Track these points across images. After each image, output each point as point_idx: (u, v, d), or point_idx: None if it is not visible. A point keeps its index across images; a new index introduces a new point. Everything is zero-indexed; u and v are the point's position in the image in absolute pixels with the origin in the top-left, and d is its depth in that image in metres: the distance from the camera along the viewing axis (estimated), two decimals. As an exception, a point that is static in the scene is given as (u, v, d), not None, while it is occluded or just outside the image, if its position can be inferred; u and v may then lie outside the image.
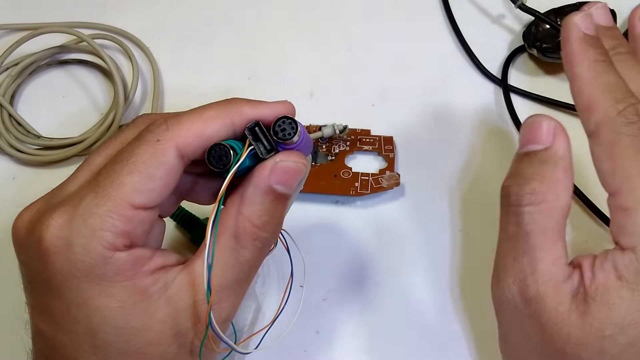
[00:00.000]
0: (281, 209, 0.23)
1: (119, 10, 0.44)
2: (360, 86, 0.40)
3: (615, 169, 0.22)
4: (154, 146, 0.21)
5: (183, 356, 0.22)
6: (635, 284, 0.20)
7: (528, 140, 0.24)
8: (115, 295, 0.21)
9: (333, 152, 0.36)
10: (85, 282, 0.21)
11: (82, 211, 0.21)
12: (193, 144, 0.22)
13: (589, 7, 0.26)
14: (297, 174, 0.23)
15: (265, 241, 0.23)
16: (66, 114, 0.40)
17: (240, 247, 0.23)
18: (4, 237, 0.34)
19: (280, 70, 0.41)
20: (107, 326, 0.21)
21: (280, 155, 0.23)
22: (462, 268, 0.32)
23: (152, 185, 0.21)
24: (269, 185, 0.22)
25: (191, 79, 0.41)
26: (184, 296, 0.22)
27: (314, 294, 0.32)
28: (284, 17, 0.43)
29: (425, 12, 0.43)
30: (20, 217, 0.23)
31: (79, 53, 0.42)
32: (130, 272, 0.21)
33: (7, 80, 0.40)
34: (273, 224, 0.23)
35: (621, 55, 0.25)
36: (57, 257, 0.21)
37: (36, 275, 0.22)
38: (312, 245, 0.33)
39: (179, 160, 0.22)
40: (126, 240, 0.21)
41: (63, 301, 0.21)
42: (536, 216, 0.22)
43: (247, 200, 0.22)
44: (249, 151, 0.22)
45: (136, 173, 0.21)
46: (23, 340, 0.24)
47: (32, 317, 0.23)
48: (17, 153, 0.37)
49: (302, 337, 0.31)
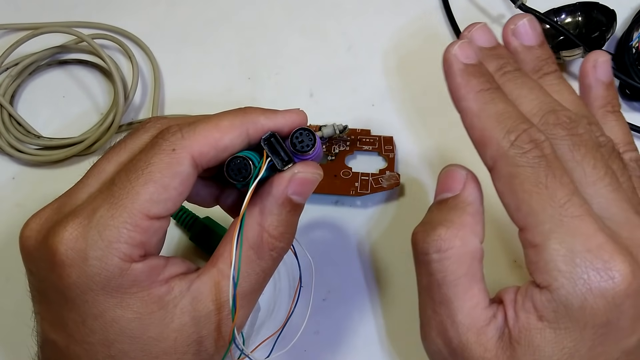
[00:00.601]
0: (296, 218, 0.24)
1: (119, 11, 0.44)
2: (360, 86, 0.40)
3: (519, 204, 0.21)
4: (169, 155, 0.21)
5: None
6: (556, 323, 0.20)
7: (441, 189, 0.24)
8: (132, 306, 0.21)
9: (333, 152, 0.36)
10: (101, 294, 0.21)
11: (96, 223, 0.21)
12: (208, 154, 0.22)
13: (468, 30, 0.25)
14: (314, 184, 0.23)
15: (281, 251, 0.23)
16: (66, 114, 0.40)
17: (258, 258, 0.23)
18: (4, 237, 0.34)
19: (280, 70, 0.41)
20: (124, 336, 0.21)
21: (298, 167, 0.23)
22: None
23: (167, 195, 0.21)
24: (287, 196, 0.23)
25: (191, 79, 0.41)
26: (198, 305, 0.22)
27: (314, 294, 0.32)
28: (284, 17, 0.43)
29: (426, 12, 0.43)
30: (28, 227, 0.23)
31: (79, 53, 0.42)
32: (146, 283, 0.21)
33: (7, 80, 0.40)
34: (289, 233, 0.23)
35: (509, 75, 0.24)
36: (72, 269, 0.21)
37: (48, 286, 0.22)
38: (312, 246, 0.33)
39: (194, 170, 0.22)
40: (141, 251, 0.21)
41: (78, 313, 0.21)
42: (444, 263, 0.22)
43: (265, 211, 0.23)
44: (267, 163, 0.22)
45: (151, 183, 0.21)
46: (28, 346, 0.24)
47: (43, 327, 0.23)
48: (17, 153, 0.37)
49: (302, 337, 0.31)
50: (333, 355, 0.30)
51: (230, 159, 0.22)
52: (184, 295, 0.22)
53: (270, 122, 0.23)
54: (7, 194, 0.37)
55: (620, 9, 0.39)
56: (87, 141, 0.37)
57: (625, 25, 0.39)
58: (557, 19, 0.40)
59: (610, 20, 0.37)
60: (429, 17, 0.43)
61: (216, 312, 0.22)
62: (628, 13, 0.40)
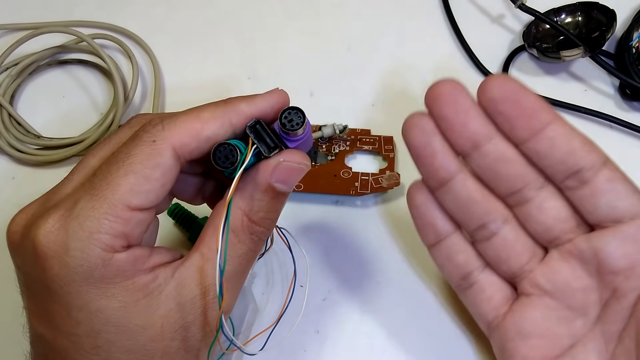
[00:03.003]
0: (279, 205, 0.24)
1: (119, 11, 0.44)
2: (360, 86, 0.40)
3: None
4: (150, 147, 0.21)
5: (185, 350, 0.22)
6: None
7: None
8: (117, 295, 0.21)
9: (333, 152, 0.36)
10: (84, 285, 0.21)
11: (77, 214, 0.21)
12: (190, 145, 0.22)
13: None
14: (300, 174, 0.23)
15: (262, 235, 0.23)
16: (66, 114, 0.40)
17: (238, 241, 0.23)
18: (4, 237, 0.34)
19: (280, 70, 0.41)
20: (109, 326, 0.21)
21: (284, 155, 0.23)
22: (462, 268, 0.32)
23: (149, 186, 0.21)
24: (270, 184, 0.23)
25: (191, 79, 0.41)
26: (182, 291, 0.22)
27: (314, 294, 0.32)
28: (284, 17, 0.43)
29: (425, 12, 0.43)
30: (14, 222, 0.23)
31: (79, 53, 0.42)
32: (130, 272, 0.21)
33: (7, 80, 0.40)
34: (270, 219, 0.23)
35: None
36: (54, 261, 0.21)
37: (33, 280, 0.22)
38: (312, 245, 0.33)
39: (176, 161, 0.22)
40: (124, 242, 0.21)
41: (62, 305, 0.21)
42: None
43: (246, 196, 0.23)
44: (253, 150, 0.22)
45: (132, 174, 0.21)
46: (21, 344, 0.24)
47: (31, 321, 0.23)
48: (17, 153, 0.37)
49: (302, 337, 0.31)
50: (333, 355, 0.30)
51: (217, 146, 0.22)
52: (169, 282, 0.22)
53: (252, 108, 0.23)
54: (7, 194, 0.37)
55: (620, 9, 0.39)
56: (87, 141, 0.37)
57: (625, 25, 0.39)
58: (557, 18, 0.40)
59: (610, 20, 0.37)
60: (429, 17, 0.43)
61: (201, 296, 0.22)
62: (628, 13, 0.40)
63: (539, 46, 0.39)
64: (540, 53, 0.38)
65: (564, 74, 0.39)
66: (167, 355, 0.22)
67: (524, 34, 0.40)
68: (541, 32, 0.40)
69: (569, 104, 0.37)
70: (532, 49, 0.39)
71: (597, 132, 0.37)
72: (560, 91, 0.38)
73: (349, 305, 0.32)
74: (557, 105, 0.38)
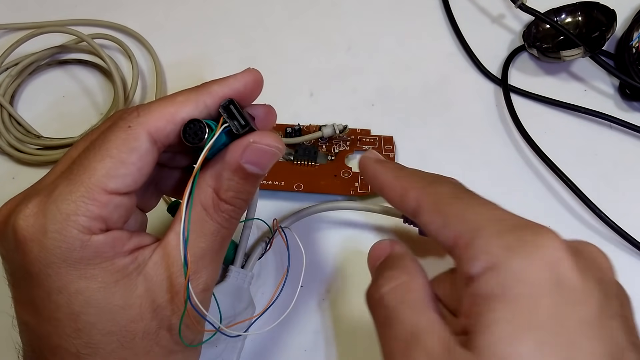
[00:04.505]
0: (249, 187, 0.24)
1: (119, 11, 0.44)
2: (360, 86, 0.40)
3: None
4: (125, 132, 0.22)
5: (166, 330, 0.23)
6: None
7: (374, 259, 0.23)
8: (96, 276, 0.21)
9: (333, 152, 0.36)
10: (63, 267, 0.21)
11: (55, 198, 0.21)
12: (165, 129, 0.22)
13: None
14: (271, 157, 0.23)
15: (233, 213, 0.23)
16: (66, 114, 0.40)
17: (209, 219, 0.23)
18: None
19: (280, 70, 0.41)
20: (89, 307, 0.21)
21: (255, 136, 0.23)
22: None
23: (125, 170, 0.22)
24: (239, 164, 0.23)
25: (191, 79, 0.41)
26: (159, 270, 0.22)
27: (314, 294, 0.32)
28: (284, 17, 0.43)
29: (425, 12, 0.43)
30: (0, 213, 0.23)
31: (79, 53, 0.42)
32: (109, 254, 0.22)
33: (7, 80, 0.40)
34: (241, 198, 0.23)
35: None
36: (33, 244, 0.21)
37: (17, 266, 0.22)
38: (312, 245, 0.33)
39: (152, 145, 0.22)
40: (101, 225, 0.21)
41: (43, 288, 0.21)
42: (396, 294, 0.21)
43: (216, 175, 0.23)
44: (224, 128, 0.22)
45: (108, 159, 0.21)
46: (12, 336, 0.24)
47: (17, 310, 0.23)
48: (17, 153, 0.37)
49: (302, 337, 0.31)
50: (332, 355, 0.30)
51: (187, 123, 0.22)
52: (147, 262, 0.22)
53: (224, 88, 0.23)
54: (7, 194, 0.37)
55: (620, 9, 0.39)
56: (87, 141, 0.37)
57: (625, 25, 0.39)
58: (557, 18, 0.40)
59: (610, 20, 0.37)
60: (429, 17, 0.43)
61: (177, 274, 0.22)
62: (628, 13, 0.40)
63: (539, 46, 0.39)
64: (540, 53, 0.38)
65: (564, 74, 0.39)
66: (149, 336, 0.22)
67: (524, 34, 0.40)
68: (541, 32, 0.40)
69: (569, 104, 0.37)
70: (532, 49, 0.39)
71: (597, 132, 0.37)
72: (560, 91, 0.38)
73: (348, 305, 0.32)
74: (557, 105, 0.38)
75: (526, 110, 0.37)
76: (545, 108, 0.38)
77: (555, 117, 0.38)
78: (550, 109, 0.38)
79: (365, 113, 0.38)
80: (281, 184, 0.34)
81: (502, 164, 0.36)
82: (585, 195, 0.33)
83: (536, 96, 0.38)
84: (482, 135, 0.37)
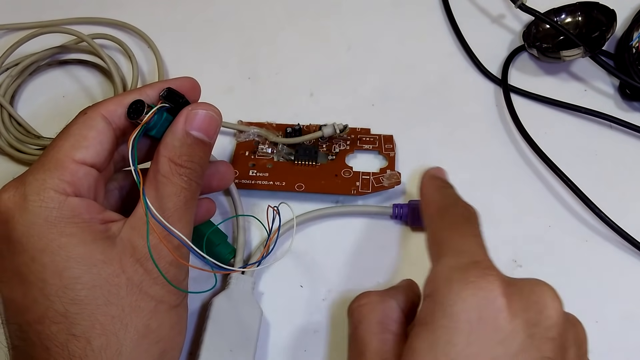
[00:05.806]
0: (200, 152, 0.26)
1: (119, 11, 0.44)
2: (360, 86, 0.40)
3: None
4: (83, 117, 0.26)
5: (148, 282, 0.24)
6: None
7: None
8: (76, 234, 0.23)
9: (333, 152, 0.36)
10: (45, 226, 0.23)
11: (31, 171, 0.24)
12: (117, 110, 0.26)
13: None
14: (212, 121, 0.26)
15: (190, 174, 0.26)
16: (66, 114, 0.40)
17: (170, 182, 0.25)
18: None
19: (280, 70, 0.41)
20: (72, 261, 0.23)
21: (192, 105, 0.26)
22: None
23: (87, 143, 0.25)
24: (185, 130, 0.26)
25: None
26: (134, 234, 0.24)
27: (314, 294, 0.32)
28: (284, 17, 0.43)
29: (425, 12, 0.43)
30: None
31: (79, 53, 0.42)
32: (85, 216, 0.24)
33: (7, 80, 0.40)
34: (194, 162, 0.26)
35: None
36: (15, 211, 0.23)
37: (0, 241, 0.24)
38: (313, 245, 0.33)
39: (107, 125, 0.26)
40: (75, 190, 0.24)
41: (27, 252, 0.23)
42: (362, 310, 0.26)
43: (168, 146, 0.26)
44: (161, 105, 0.26)
45: (71, 137, 0.25)
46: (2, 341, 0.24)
47: (2, 290, 0.24)
48: (17, 153, 0.37)
49: (302, 337, 0.31)
50: (333, 355, 0.30)
51: (131, 104, 0.26)
52: (121, 229, 0.25)
53: (164, 84, 0.27)
54: (7, 194, 0.37)
55: (620, 9, 0.39)
56: (87, 141, 0.37)
57: (625, 25, 0.39)
58: (557, 18, 0.40)
59: (610, 20, 0.38)
60: (429, 16, 0.43)
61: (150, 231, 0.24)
62: (628, 13, 0.40)
63: (539, 46, 0.39)
64: (540, 53, 0.39)
65: (564, 74, 0.39)
66: (133, 289, 0.24)
67: (524, 34, 0.40)
68: (541, 32, 0.40)
69: (569, 104, 0.37)
70: (532, 49, 0.39)
71: (597, 132, 0.37)
72: (560, 91, 0.38)
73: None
74: (557, 105, 0.38)
75: (526, 110, 0.38)
76: (545, 108, 0.38)
77: (555, 117, 0.38)
78: (550, 109, 0.38)
79: (365, 113, 0.38)
80: (282, 184, 0.34)
81: (502, 164, 0.36)
82: (585, 195, 0.33)
83: (536, 96, 0.38)
84: (482, 135, 0.37)
